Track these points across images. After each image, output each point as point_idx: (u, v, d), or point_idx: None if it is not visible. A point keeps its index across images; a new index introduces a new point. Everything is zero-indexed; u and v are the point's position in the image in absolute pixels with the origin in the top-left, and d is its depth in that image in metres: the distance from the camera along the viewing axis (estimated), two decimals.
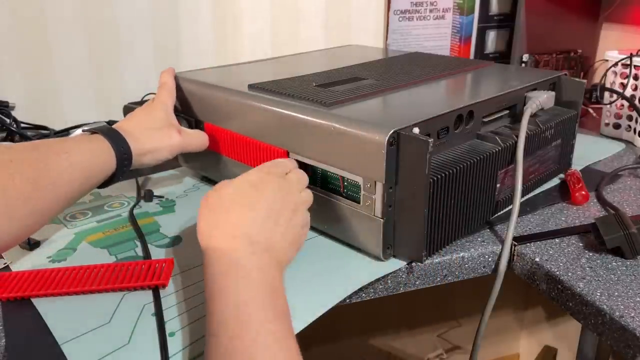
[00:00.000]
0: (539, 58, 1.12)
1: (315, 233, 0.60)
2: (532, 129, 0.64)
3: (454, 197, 0.54)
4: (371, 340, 1.35)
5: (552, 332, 1.39)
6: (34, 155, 0.51)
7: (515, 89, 0.65)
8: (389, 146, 0.48)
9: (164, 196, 0.70)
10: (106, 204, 0.68)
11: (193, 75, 0.73)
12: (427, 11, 1.12)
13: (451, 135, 0.57)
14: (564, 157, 0.73)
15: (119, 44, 0.98)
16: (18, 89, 0.94)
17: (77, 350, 0.42)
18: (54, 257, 0.56)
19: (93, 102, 0.99)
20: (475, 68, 0.75)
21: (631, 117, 0.89)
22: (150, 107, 0.65)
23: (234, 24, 1.05)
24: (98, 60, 0.98)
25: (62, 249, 0.58)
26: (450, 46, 1.15)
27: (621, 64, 0.90)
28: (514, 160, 0.60)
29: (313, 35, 1.11)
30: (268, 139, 0.60)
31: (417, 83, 0.66)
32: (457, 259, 0.56)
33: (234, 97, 0.64)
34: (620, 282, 0.51)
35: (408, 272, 0.54)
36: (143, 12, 0.98)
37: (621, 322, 0.46)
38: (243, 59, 1.05)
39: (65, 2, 0.92)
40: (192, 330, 0.44)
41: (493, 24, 1.13)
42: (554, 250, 0.57)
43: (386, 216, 0.51)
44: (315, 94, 0.59)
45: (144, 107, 0.66)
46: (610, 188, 0.71)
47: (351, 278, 0.51)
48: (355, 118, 0.52)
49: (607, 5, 1.12)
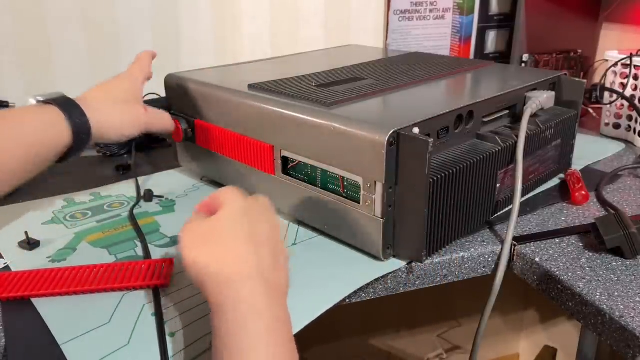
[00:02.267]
0: (539, 58, 1.12)
1: (315, 233, 0.60)
2: (532, 129, 0.64)
3: (454, 197, 0.54)
4: (371, 340, 1.35)
5: (552, 332, 1.39)
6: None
7: (515, 89, 0.65)
8: (389, 146, 0.48)
9: (164, 196, 0.70)
10: (106, 204, 0.68)
11: (193, 75, 0.73)
12: (427, 11, 1.12)
13: (451, 135, 0.57)
14: (564, 157, 0.73)
15: (119, 44, 0.98)
16: (18, 89, 0.94)
17: (77, 350, 0.42)
18: (54, 257, 0.56)
19: None
20: (475, 68, 0.75)
21: (631, 117, 0.89)
22: (118, 79, 0.62)
23: (234, 24, 1.05)
24: (98, 60, 0.98)
25: (62, 249, 0.58)
26: (450, 46, 1.15)
27: (621, 64, 0.90)
28: (514, 160, 0.60)
29: (313, 35, 1.11)
30: (268, 139, 0.60)
31: (417, 83, 0.66)
32: (457, 259, 0.56)
33: (234, 97, 0.64)
34: (620, 282, 0.51)
35: (408, 272, 0.54)
36: (143, 12, 0.98)
37: (621, 322, 0.46)
38: (243, 59, 1.05)
39: (65, 2, 0.92)
40: (192, 331, 0.44)
41: (493, 24, 1.13)
42: (554, 250, 0.57)
43: (386, 216, 0.51)
44: (315, 94, 0.59)
45: (112, 78, 0.62)
46: (610, 188, 0.71)
47: (351, 278, 0.51)
48: (355, 118, 0.52)
49: (607, 5, 1.12)
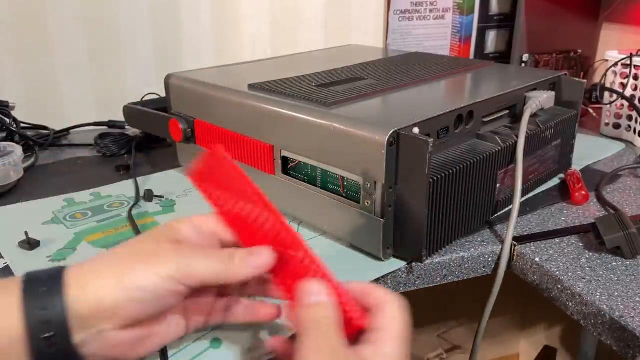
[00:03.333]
0: (539, 58, 1.12)
1: (315, 233, 0.60)
2: (532, 129, 0.64)
3: (454, 197, 0.54)
4: None
5: (552, 332, 1.39)
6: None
7: (515, 89, 0.65)
8: (389, 146, 0.48)
9: (164, 196, 0.70)
10: (106, 204, 0.68)
11: (193, 75, 0.73)
12: (427, 11, 1.12)
13: (451, 135, 0.57)
14: (564, 157, 0.73)
15: (119, 44, 0.98)
16: (18, 89, 0.93)
17: None
18: (53, 257, 0.56)
19: (93, 102, 0.99)
20: (475, 68, 0.75)
21: (631, 117, 0.89)
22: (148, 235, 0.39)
23: (234, 24, 1.05)
24: (98, 60, 0.98)
25: (62, 248, 0.58)
26: (450, 46, 1.15)
27: (621, 64, 0.90)
28: (513, 160, 0.60)
29: (313, 35, 1.11)
30: (268, 139, 0.60)
31: (417, 83, 0.66)
32: (457, 259, 0.56)
33: (234, 97, 0.64)
34: (620, 282, 0.51)
35: (408, 272, 0.54)
36: (143, 12, 0.98)
37: (621, 322, 0.46)
38: (243, 59, 1.05)
39: (65, 2, 0.92)
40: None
41: (493, 24, 1.13)
42: (554, 250, 0.57)
43: (386, 216, 0.51)
44: (315, 94, 0.59)
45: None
46: (610, 188, 0.71)
47: (351, 278, 0.51)
48: (355, 118, 0.52)
49: (607, 5, 1.12)
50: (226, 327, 0.44)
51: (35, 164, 0.81)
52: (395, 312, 0.33)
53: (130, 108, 0.81)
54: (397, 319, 0.32)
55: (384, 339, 0.31)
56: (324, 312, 0.32)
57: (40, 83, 0.95)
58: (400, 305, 0.33)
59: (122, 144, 0.86)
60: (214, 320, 0.41)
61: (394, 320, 0.32)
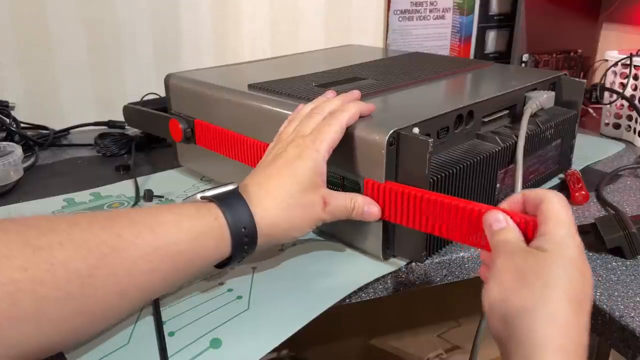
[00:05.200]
0: (539, 58, 1.12)
1: (314, 233, 0.60)
2: (532, 129, 0.64)
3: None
4: (371, 340, 1.35)
5: None
6: (101, 235, 0.37)
7: (515, 89, 0.65)
8: (389, 146, 0.48)
9: (164, 196, 0.70)
10: (106, 204, 0.68)
11: (193, 75, 0.73)
12: (427, 11, 1.12)
13: (451, 135, 0.57)
14: (564, 157, 0.73)
15: (119, 43, 0.98)
16: (18, 89, 0.94)
17: (77, 350, 0.42)
18: None
19: (93, 102, 0.99)
20: (475, 68, 0.75)
21: (631, 117, 0.89)
22: (295, 164, 0.47)
23: (234, 24, 1.05)
24: (98, 60, 0.98)
25: None
26: (450, 46, 1.15)
27: (621, 64, 0.90)
28: (514, 160, 0.60)
29: (313, 35, 1.11)
30: (268, 139, 0.60)
31: (417, 83, 0.66)
32: (457, 259, 0.56)
33: (233, 97, 0.64)
34: (620, 282, 0.51)
35: (408, 272, 0.54)
36: (143, 12, 0.98)
37: (621, 322, 0.46)
38: (243, 59, 1.05)
39: (65, 2, 0.92)
40: (192, 330, 0.44)
41: (493, 24, 1.13)
42: None
43: None
44: (315, 94, 0.59)
45: (287, 161, 0.48)
46: (610, 188, 0.71)
47: (351, 278, 0.51)
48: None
49: (607, 5, 1.12)
50: (226, 327, 0.44)
51: (35, 164, 0.81)
52: (555, 202, 0.39)
53: (130, 108, 0.81)
54: (556, 206, 0.38)
55: (553, 229, 0.37)
56: (512, 233, 0.39)
57: (40, 83, 0.95)
58: (555, 195, 0.39)
59: (122, 144, 0.86)
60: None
61: (553, 210, 0.38)
